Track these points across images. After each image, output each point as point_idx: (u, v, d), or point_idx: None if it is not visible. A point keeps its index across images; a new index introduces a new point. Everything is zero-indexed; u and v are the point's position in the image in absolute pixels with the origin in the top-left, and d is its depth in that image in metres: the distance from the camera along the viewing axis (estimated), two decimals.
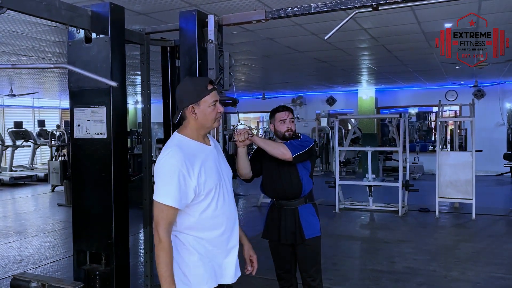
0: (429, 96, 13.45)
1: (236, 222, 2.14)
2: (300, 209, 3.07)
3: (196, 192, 1.91)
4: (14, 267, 5.02)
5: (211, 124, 2.04)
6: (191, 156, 1.93)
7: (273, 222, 3.17)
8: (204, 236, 1.99)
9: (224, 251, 2.06)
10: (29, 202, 9.92)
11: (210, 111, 2.00)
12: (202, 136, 2.07)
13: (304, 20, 5.31)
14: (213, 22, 2.94)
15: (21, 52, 6.95)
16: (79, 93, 2.96)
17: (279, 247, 3.16)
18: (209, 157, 2.03)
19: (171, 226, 1.92)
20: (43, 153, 15.74)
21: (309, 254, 3.08)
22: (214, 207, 1.98)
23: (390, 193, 8.47)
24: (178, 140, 2.01)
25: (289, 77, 11.46)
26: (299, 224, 3.03)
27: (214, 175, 1.99)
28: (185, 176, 1.87)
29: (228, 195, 2.07)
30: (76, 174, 3.04)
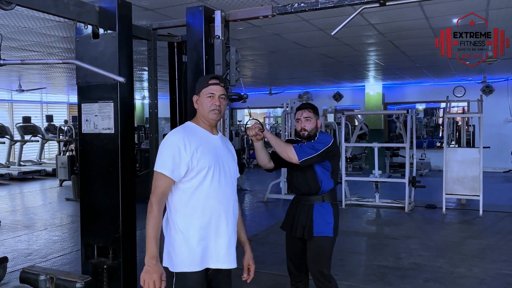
0: (437, 92, 13.36)
1: (231, 212, 2.19)
2: (316, 206, 3.03)
3: (188, 166, 2.06)
4: (23, 261, 5.08)
5: (207, 114, 2.18)
6: (192, 135, 2.13)
7: (290, 215, 3.19)
8: (194, 216, 2.09)
9: (213, 235, 2.12)
10: (38, 196, 10.01)
11: (206, 102, 2.18)
12: (210, 127, 2.23)
13: (311, 16, 5.29)
14: (220, 18, 2.95)
15: (29, 48, 7.00)
16: (87, 89, 2.98)
17: (291, 240, 3.17)
18: (210, 142, 2.19)
19: (164, 195, 2.09)
20: (51, 148, 15.85)
21: (314, 251, 3.03)
22: (207, 187, 2.10)
23: (397, 189, 8.44)
24: (186, 124, 2.26)
25: (296, 73, 11.43)
26: (311, 220, 3.00)
27: (210, 157, 2.12)
28: (180, 149, 2.06)
29: (225, 182, 2.17)
30: (84, 169, 3.07)
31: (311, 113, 3.03)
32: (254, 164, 15.57)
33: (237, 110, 17.80)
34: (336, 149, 3.09)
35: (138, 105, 18.07)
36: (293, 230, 3.09)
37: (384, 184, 8.40)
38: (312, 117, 3.03)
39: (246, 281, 2.40)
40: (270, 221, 7.15)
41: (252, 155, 15.38)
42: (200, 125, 2.22)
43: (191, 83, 3.06)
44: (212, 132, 2.24)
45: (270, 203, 8.56)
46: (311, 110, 3.05)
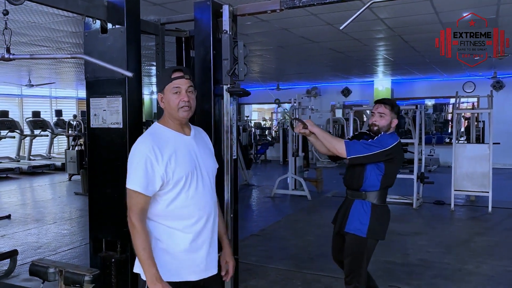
0: (446, 87, 13.25)
1: (212, 216, 2.05)
2: (356, 203, 2.96)
3: (163, 179, 1.88)
4: (32, 254, 5.14)
5: (176, 113, 1.96)
6: (162, 144, 1.92)
7: (338, 208, 3.19)
8: (173, 226, 1.95)
9: (193, 245, 1.97)
10: (47, 190, 10.11)
11: (172, 99, 1.96)
12: (180, 126, 2.02)
13: (319, 10, 5.26)
14: (227, 12, 2.94)
15: (38, 43, 7.04)
16: (95, 83, 3.00)
17: (334, 233, 3.19)
18: (184, 146, 1.99)
19: (143, 212, 1.90)
20: (60, 143, 15.98)
21: (345, 247, 2.98)
22: (185, 196, 1.93)
23: (405, 185, 8.39)
24: (154, 128, 2.03)
25: (304, 68, 11.39)
26: (347, 215, 2.96)
27: (186, 164, 1.94)
28: (152, 162, 1.86)
29: (203, 187, 2.00)
30: (93, 163, 3.09)
31: (387, 109, 2.88)
32: (261, 159, 15.60)
33: (244, 105, 17.79)
34: (397, 153, 2.89)
35: (147, 100, 18.14)
36: (335, 223, 3.11)
37: None
38: (388, 114, 2.88)
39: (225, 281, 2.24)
40: (277, 216, 7.15)
41: (259, 151, 15.41)
42: (169, 126, 2.00)
43: (199, 78, 3.06)
44: (184, 131, 2.03)
45: (277, 198, 8.57)
46: (388, 106, 2.90)
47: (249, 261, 4.67)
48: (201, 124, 2.33)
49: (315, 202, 8.10)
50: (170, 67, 2.08)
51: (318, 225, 6.48)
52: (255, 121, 19.20)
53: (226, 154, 2.98)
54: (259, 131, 16.99)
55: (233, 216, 3.10)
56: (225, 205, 3.00)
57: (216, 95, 3.02)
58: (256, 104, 19.79)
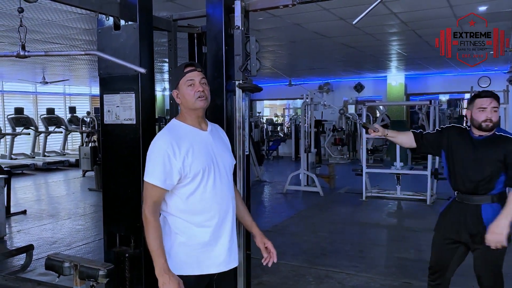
0: (461, 82, 13.07)
1: (230, 210, 2.08)
2: (485, 207, 2.71)
3: (181, 173, 1.93)
4: (48, 248, 5.21)
5: (193, 104, 2.01)
6: (180, 138, 1.97)
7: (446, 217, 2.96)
8: (191, 220, 1.99)
9: (213, 238, 2.01)
10: (61, 186, 10.24)
11: (187, 92, 2.02)
12: (197, 121, 2.07)
13: (331, 5, 5.22)
14: (239, 8, 2.93)
15: (52, 40, 7.11)
16: (109, 80, 3.02)
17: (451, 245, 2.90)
18: (201, 141, 2.04)
19: (157, 205, 1.95)
20: (74, 139, 16.16)
21: (485, 260, 2.76)
22: (202, 190, 1.98)
23: (419, 182, 8.32)
24: (172, 124, 2.09)
25: (316, 63, 11.33)
26: (481, 223, 2.68)
27: (203, 158, 1.98)
28: (170, 156, 1.91)
29: (221, 181, 2.04)
30: (106, 159, 3.11)
31: (496, 102, 2.67)
32: (273, 155, 15.59)
33: (256, 102, 17.78)
34: None
35: (159, 97, 18.23)
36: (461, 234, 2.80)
37: (405, 176, 8.29)
38: (497, 107, 2.68)
39: (267, 265, 2.25)
40: (289, 212, 7.15)
41: (271, 147, 15.39)
42: (187, 121, 2.05)
43: (211, 74, 3.06)
44: (201, 127, 2.08)
45: (290, 194, 8.56)
46: (497, 101, 2.69)
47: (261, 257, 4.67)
48: (213, 120, 2.33)
49: (327, 199, 8.07)
50: (182, 64, 2.13)
51: (330, 221, 6.46)
52: (267, 117, 19.17)
53: (238, 150, 2.98)
54: (271, 127, 16.97)
55: None
56: None
57: (228, 91, 3.02)
58: (268, 100, 19.76)
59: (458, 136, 2.81)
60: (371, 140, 12.16)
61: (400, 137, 3.01)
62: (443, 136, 2.87)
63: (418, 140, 2.93)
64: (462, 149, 2.77)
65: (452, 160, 2.80)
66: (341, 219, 6.57)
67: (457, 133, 2.83)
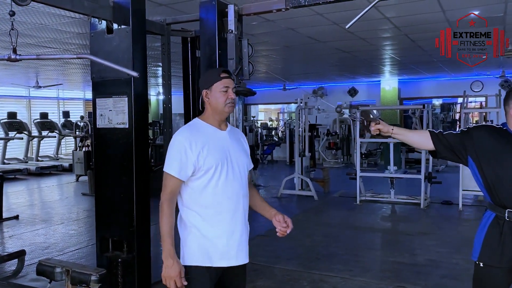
0: (454, 86, 13.14)
1: (241, 206, 2.18)
2: None
3: (195, 166, 2.06)
4: (40, 254, 5.16)
5: (222, 108, 2.16)
6: (198, 134, 2.12)
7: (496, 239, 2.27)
8: (203, 213, 2.10)
9: (224, 232, 2.11)
10: (55, 191, 10.16)
11: (220, 96, 2.15)
12: (218, 122, 2.20)
13: (325, 9, 5.24)
14: (233, 12, 2.94)
15: (45, 44, 7.08)
16: (102, 84, 3.01)
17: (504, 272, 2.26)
18: (218, 139, 2.17)
19: (173, 194, 2.09)
20: (68, 144, 16.07)
21: None
22: (215, 184, 2.09)
23: (413, 186, 8.35)
24: (193, 122, 2.24)
25: (310, 68, 11.36)
26: None
27: (217, 154, 2.11)
28: (186, 149, 2.06)
29: (234, 178, 2.14)
30: (99, 163, 3.10)
31: None
32: (268, 160, 15.58)
33: (250, 106, 17.78)
34: None
35: (153, 101, 18.18)
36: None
37: (399, 180, 8.31)
38: None
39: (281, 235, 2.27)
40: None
41: (266, 151, 15.39)
42: (209, 121, 2.19)
43: None
44: (221, 127, 2.21)
45: (284, 198, 8.55)
46: None
47: (256, 261, 4.66)
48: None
49: (322, 202, 8.07)
50: (218, 68, 2.33)
51: (325, 225, 6.45)
52: (262, 121, 19.18)
53: None
54: (265, 131, 16.97)
55: None
56: None
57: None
58: (263, 105, 19.77)
59: (493, 138, 2.21)
60: (365, 144, 12.19)
61: (411, 136, 2.43)
62: (468, 138, 2.25)
63: (438, 141, 2.29)
64: (506, 152, 2.18)
65: (492, 168, 2.18)
66: (335, 223, 6.57)
67: (490, 135, 2.23)
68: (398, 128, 2.41)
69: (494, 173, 2.17)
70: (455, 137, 2.29)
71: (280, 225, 2.25)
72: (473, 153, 2.23)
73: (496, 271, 2.24)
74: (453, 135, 2.30)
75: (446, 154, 2.33)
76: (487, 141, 2.21)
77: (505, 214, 2.17)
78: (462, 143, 2.26)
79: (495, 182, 2.18)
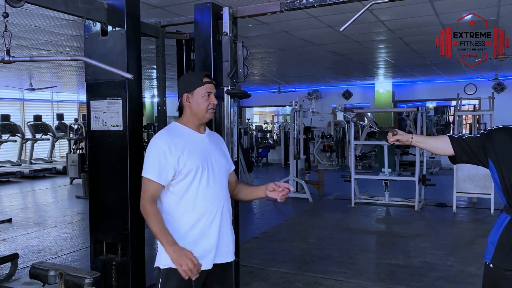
0: (448, 89, 13.23)
1: (222, 209, 2.14)
2: None
3: (175, 169, 2.03)
4: (33, 257, 5.13)
5: (203, 114, 2.14)
6: (176, 138, 2.09)
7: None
8: (183, 217, 2.07)
9: (204, 235, 2.08)
10: (48, 194, 10.10)
11: (202, 101, 2.13)
12: (197, 126, 2.18)
13: (319, 12, 5.26)
14: (227, 15, 2.94)
15: (39, 46, 7.06)
16: (96, 86, 3.00)
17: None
18: (197, 142, 2.15)
19: (153, 198, 2.04)
20: (62, 146, 15.99)
21: None
22: (195, 188, 2.07)
23: (407, 188, 8.38)
24: (172, 125, 2.20)
25: (305, 71, 11.39)
26: None
27: (197, 157, 2.08)
28: (166, 153, 2.03)
29: (214, 181, 2.12)
30: (93, 166, 3.08)
31: None
32: (263, 162, 15.58)
33: (245, 108, 17.79)
34: None
35: (148, 104, 18.15)
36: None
37: (394, 183, 8.34)
38: None
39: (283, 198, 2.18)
40: (279, 219, 7.13)
41: (261, 154, 15.40)
42: (188, 125, 2.16)
43: None
44: (199, 130, 2.19)
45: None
46: None
47: (250, 264, 4.65)
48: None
49: (316, 205, 8.08)
50: (200, 72, 2.28)
51: (319, 227, 6.46)
52: (257, 124, 19.19)
53: None
54: (260, 134, 16.99)
55: (234, 218, 3.09)
56: None
57: (217, 97, 3.01)
58: (257, 107, 19.79)
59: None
60: (360, 146, 12.23)
61: (431, 142, 2.40)
62: (489, 141, 2.23)
63: (459, 145, 2.29)
64: None
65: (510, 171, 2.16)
66: (330, 225, 6.58)
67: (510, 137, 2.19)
68: (417, 136, 2.41)
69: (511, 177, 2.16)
70: (475, 140, 2.27)
71: (276, 193, 2.18)
72: (493, 156, 2.21)
73: (509, 273, 2.19)
74: (474, 139, 2.28)
75: (467, 159, 2.30)
76: (508, 144, 2.18)
77: None
78: (483, 146, 2.24)
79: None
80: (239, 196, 2.37)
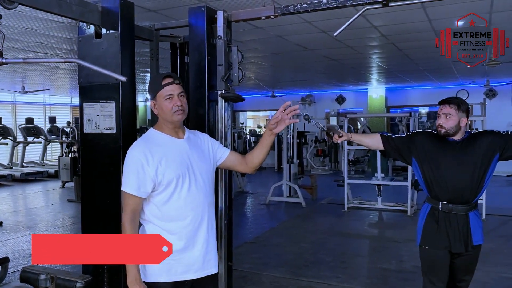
0: (440, 95, 13.05)
1: (206, 216, 2.10)
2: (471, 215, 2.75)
3: (154, 181, 1.97)
4: (24, 261, 5.08)
5: (171, 117, 2.04)
6: (154, 147, 2.01)
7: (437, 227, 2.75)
8: (166, 227, 2.01)
9: (189, 245, 2.03)
10: (40, 197, 10.02)
11: (165, 105, 2.04)
12: (173, 130, 2.10)
13: (313, 17, 5.29)
14: (222, 18, 2.94)
15: (32, 49, 7.01)
16: (89, 88, 2.99)
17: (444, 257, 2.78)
18: (176, 149, 2.06)
19: (134, 213, 1.98)
20: (54, 150, 15.88)
21: (471, 262, 2.87)
22: (177, 197, 2.01)
23: (399, 193, 8.41)
24: (148, 133, 2.13)
25: (298, 75, 11.43)
26: (469, 230, 2.73)
27: (177, 166, 2.01)
28: (143, 165, 1.96)
29: (196, 188, 2.06)
30: (85, 168, 3.07)
31: (452, 109, 2.60)
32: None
33: (239, 112, 17.80)
34: None
35: (141, 107, 18.09)
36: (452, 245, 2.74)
37: (386, 187, 8.37)
38: (454, 114, 2.60)
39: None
40: (272, 223, 7.13)
41: None
42: (164, 130, 2.09)
43: (194, 84, 3.06)
44: (178, 135, 2.11)
45: (272, 205, 8.54)
46: (454, 106, 2.62)
47: (243, 268, 4.64)
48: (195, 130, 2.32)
49: (309, 209, 8.08)
50: (159, 74, 2.15)
51: (312, 232, 6.46)
52: (250, 128, 19.20)
53: None
54: (254, 138, 16.99)
55: (228, 223, 3.09)
56: (219, 212, 2.99)
57: (211, 100, 3.02)
58: (251, 111, 19.81)
59: (431, 142, 2.70)
60: (353, 151, 12.26)
61: (366, 140, 2.93)
62: (412, 142, 2.75)
63: (386, 142, 2.81)
64: (441, 154, 2.65)
65: (430, 168, 2.67)
66: (323, 230, 6.58)
67: (429, 139, 2.71)
68: (355, 134, 3.01)
69: (432, 172, 2.66)
70: (401, 139, 2.78)
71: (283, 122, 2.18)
72: (416, 154, 2.71)
73: (435, 251, 2.74)
74: (400, 138, 2.80)
75: (394, 155, 2.83)
76: (427, 145, 2.68)
77: (439, 205, 2.68)
78: (407, 145, 2.75)
79: (432, 179, 2.67)
80: (255, 162, 2.27)
